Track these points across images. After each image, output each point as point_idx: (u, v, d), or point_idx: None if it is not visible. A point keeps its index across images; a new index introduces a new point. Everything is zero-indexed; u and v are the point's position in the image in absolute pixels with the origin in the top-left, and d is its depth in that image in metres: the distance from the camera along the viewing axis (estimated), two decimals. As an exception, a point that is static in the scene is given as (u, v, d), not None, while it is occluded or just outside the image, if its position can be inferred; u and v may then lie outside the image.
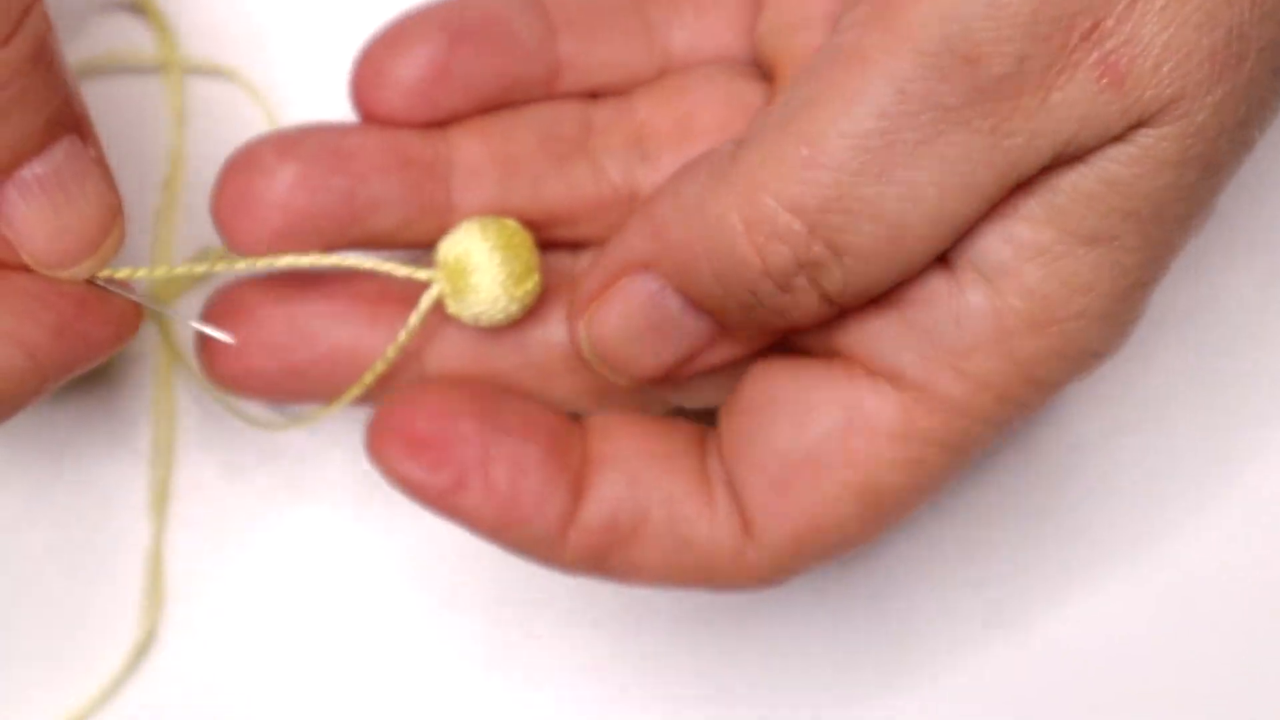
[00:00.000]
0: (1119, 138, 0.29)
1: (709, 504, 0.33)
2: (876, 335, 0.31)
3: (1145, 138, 0.29)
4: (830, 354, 0.33)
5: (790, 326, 0.32)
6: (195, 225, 0.41)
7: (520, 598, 0.41)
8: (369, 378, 0.35)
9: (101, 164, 0.33)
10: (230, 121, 0.41)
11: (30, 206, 0.32)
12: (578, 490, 0.33)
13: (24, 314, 0.32)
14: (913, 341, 0.31)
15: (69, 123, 0.32)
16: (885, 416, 0.31)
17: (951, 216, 0.29)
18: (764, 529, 0.32)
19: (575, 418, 0.35)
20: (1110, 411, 0.42)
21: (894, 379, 0.31)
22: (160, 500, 0.41)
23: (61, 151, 0.32)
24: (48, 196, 0.32)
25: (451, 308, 0.34)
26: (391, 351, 0.34)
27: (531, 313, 0.35)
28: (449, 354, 0.35)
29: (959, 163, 0.29)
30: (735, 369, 0.34)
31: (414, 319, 0.34)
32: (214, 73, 0.41)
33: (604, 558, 0.33)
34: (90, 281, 0.33)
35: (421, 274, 0.34)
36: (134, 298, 0.34)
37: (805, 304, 0.31)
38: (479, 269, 0.34)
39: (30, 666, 0.41)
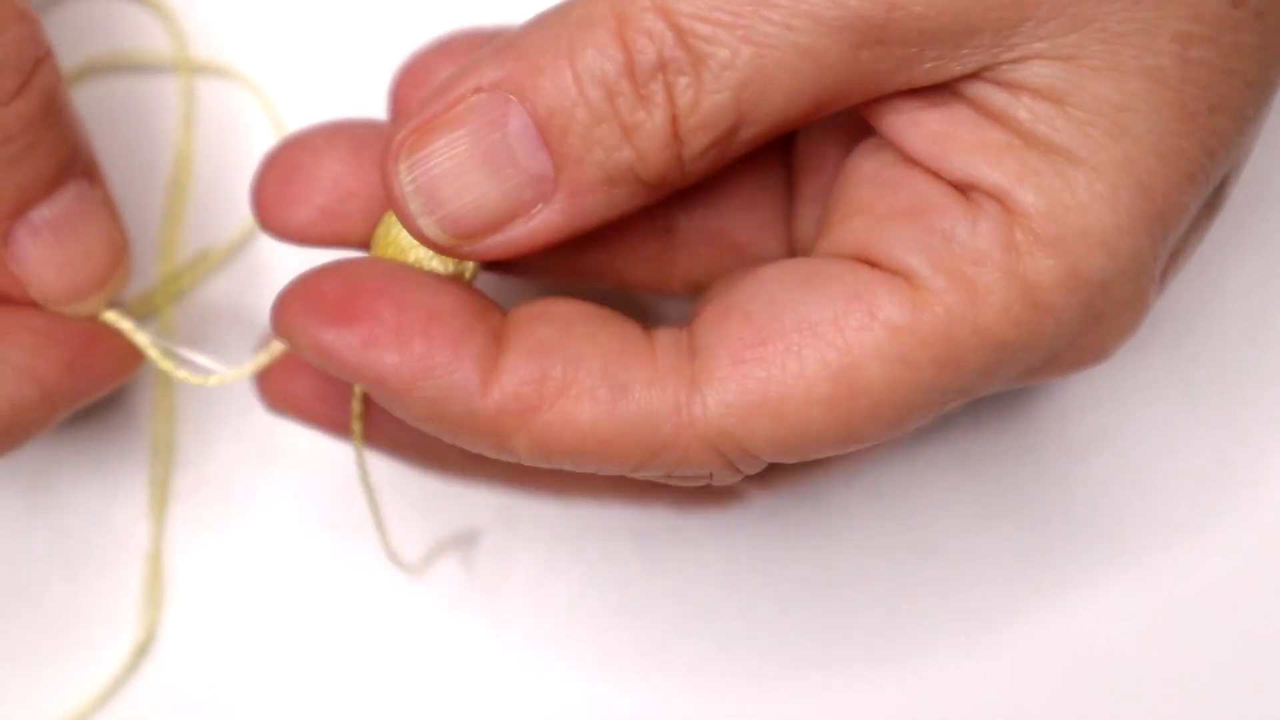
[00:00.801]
0: (1048, 55, 0.29)
1: (650, 358, 0.30)
2: (889, 240, 0.30)
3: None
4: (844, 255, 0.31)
5: (631, 170, 0.30)
6: (197, 226, 0.41)
7: (520, 598, 0.41)
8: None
9: (109, 204, 0.34)
10: (231, 121, 0.41)
11: (39, 247, 0.33)
12: (500, 340, 0.30)
13: (35, 349, 0.33)
14: (929, 243, 0.30)
15: (77, 167, 0.33)
16: (890, 307, 0.29)
17: (824, 55, 0.28)
18: (717, 384, 0.30)
19: None
20: (1110, 411, 0.42)
21: (908, 275, 0.30)
22: (160, 500, 0.41)
23: (70, 195, 0.33)
24: (56, 238, 0.33)
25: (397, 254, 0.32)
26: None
27: None
28: None
29: (842, 4, 0.28)
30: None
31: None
32: (218, 72, 0.41)
33: (531, 413, 0.30)
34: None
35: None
36: (142, 334, 0.35)
37: (654, 124, 0.29)
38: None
39: (30, 666, 0.41)
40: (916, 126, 0.30)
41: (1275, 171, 0.41)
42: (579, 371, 0.30)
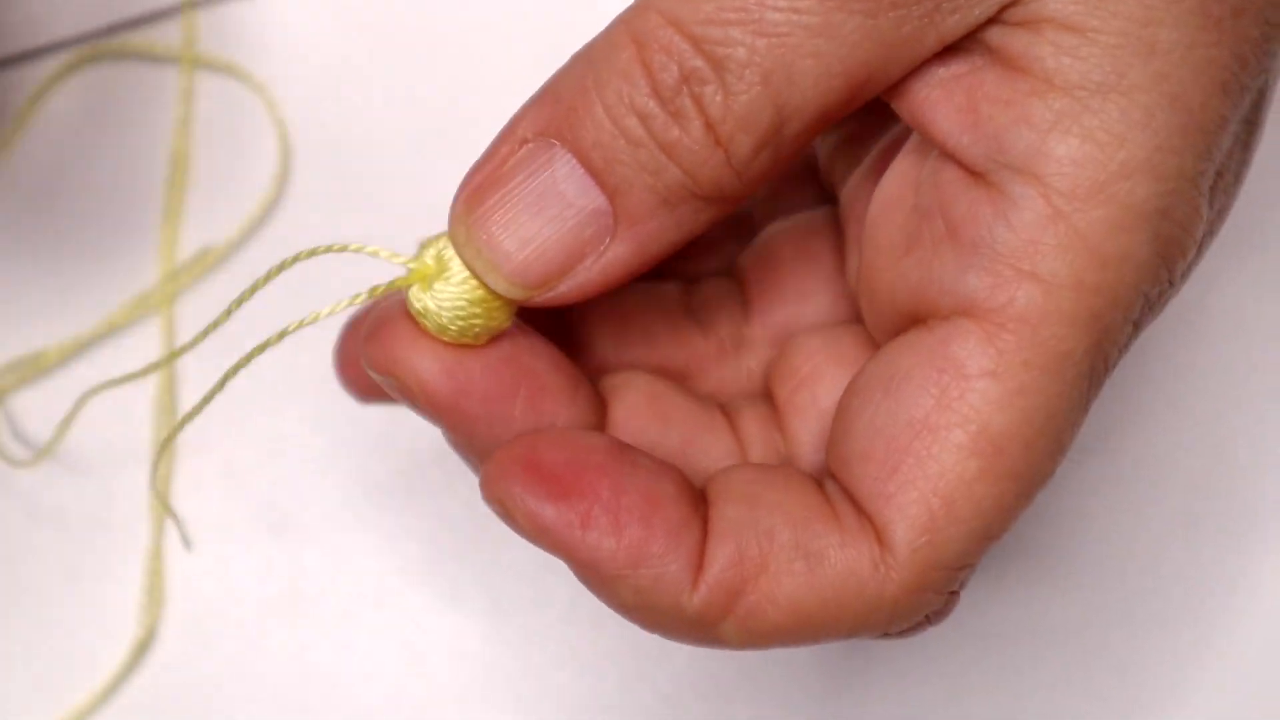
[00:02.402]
0: None
1: (833, 518, 0.30)
2: (937, 275, 0.29)
3: None
4: (901, 323, 0.31)
5: (684, 187, 0.29)
6: (196, 225, 0.41)
7: (521, 597, 0.41)
8: (292, 328, 0.32)
9: None
10: (234, 120, 0.41)
11: None
12: (705, 531, 0.30)
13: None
14: (973, 260, 0.29)
15: None
16: (973, 354, 0.29)
17: (840, 30, 0.28)
18: (891, 522, 0.29)
19: None
20: (1109, 412, 0.42)
21: (968, 312, 0.29)
22: (160, 499, 0.41)
23: None
24: None
25: (415, 299, 0.31)
26: (326, 312, 0.31)
27: None
28: None
29: None
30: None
31: (367, 292, 0.31)
32: (224, 70, 0.41)
33: (737, 596, 0.29)
34: None
35: (398, 258, 0.32)
36: None
37: (692, 137, 0.29)
38: (459, 265, 0.31)
39: (30, 666, 0.41)
40: (946, 100, 0.29)
41: (1273, 169, 0.41)
42: (773, 546, 0.29)
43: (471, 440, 0.31)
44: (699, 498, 0.31)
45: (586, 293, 0.30)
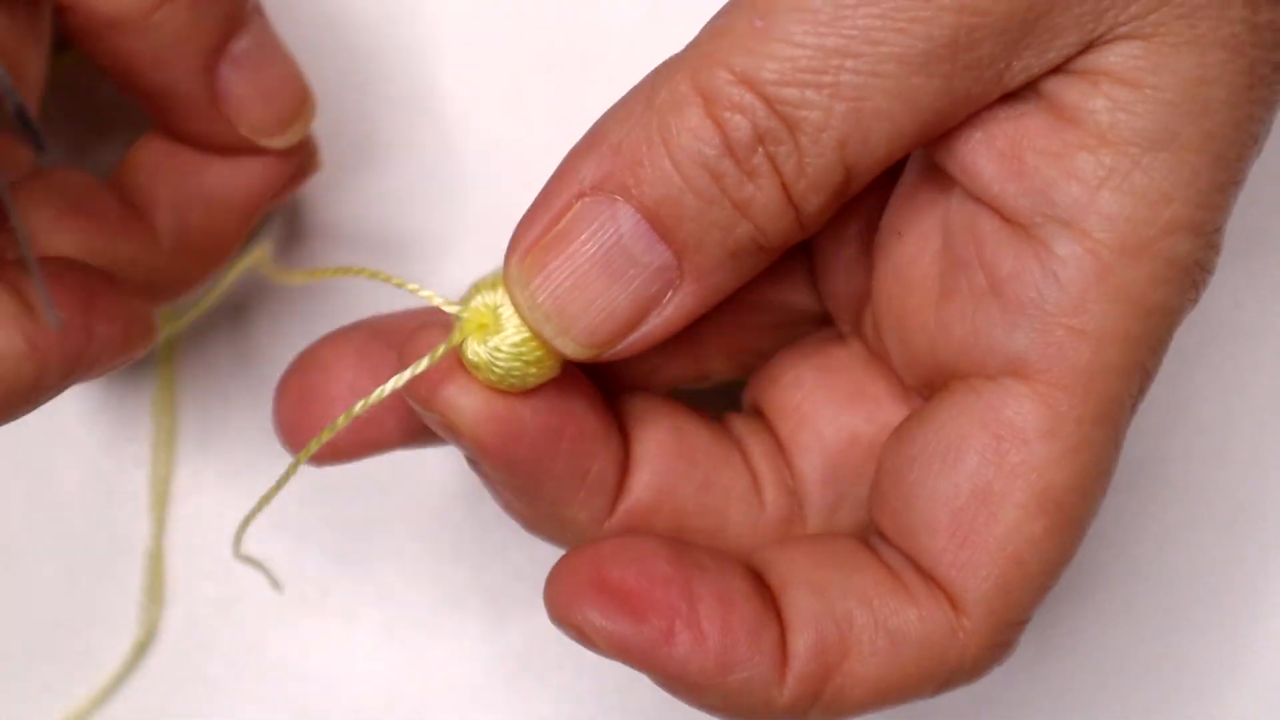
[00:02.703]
0: (1128, 35, 0.28)
1: (904, 589, 0.30)
2: (983, 333, 0.30)
3: (1149, 26, 0.28)
4: (945, 382, 0.31)
5: (753, 241, 0.29)
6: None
7: (521, 597, 0.41)
8: (375, 397, 0.30)
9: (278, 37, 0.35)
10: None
11: (242, 80, 0.34)
12: (781, 620, 0.30)
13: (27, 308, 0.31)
14: (1021, 320, 0.29)
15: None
16: (1027, 416, 0.29)
17: (917, 94, 0.28)
18: (966, 589, 0.30)
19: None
20: None
21: (1018, 372, 0.29)
22: (160, 500, 0.41)
23: (256, 26, 0.34)
24: (255, 67, 0.34)
25: (470, 350, 0.30)
26: (391, 385, 0.30)
27: None
28: None
29: (922, 38, 0.27)
30: (732, 357, 0.32)
31: (431, 355, 0.30)
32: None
33: (823, 683, 0.30)
34: (107, 288, 0.32)
35: (450, 306, 0.31)
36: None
37: (766, 196, 0.28)
38: (511, 313, 0.30)
39: (31, 666, 0.41)
40: (988, 144, 0.29)
41: (1271, 169, 0.41)
42: (853, 630, 0.30)
43: (510, 479, 0.31)
44: (763, 583, 0.31)
45: (649, 346, 0.30)
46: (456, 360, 0.30)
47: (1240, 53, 0.28)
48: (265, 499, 0.32)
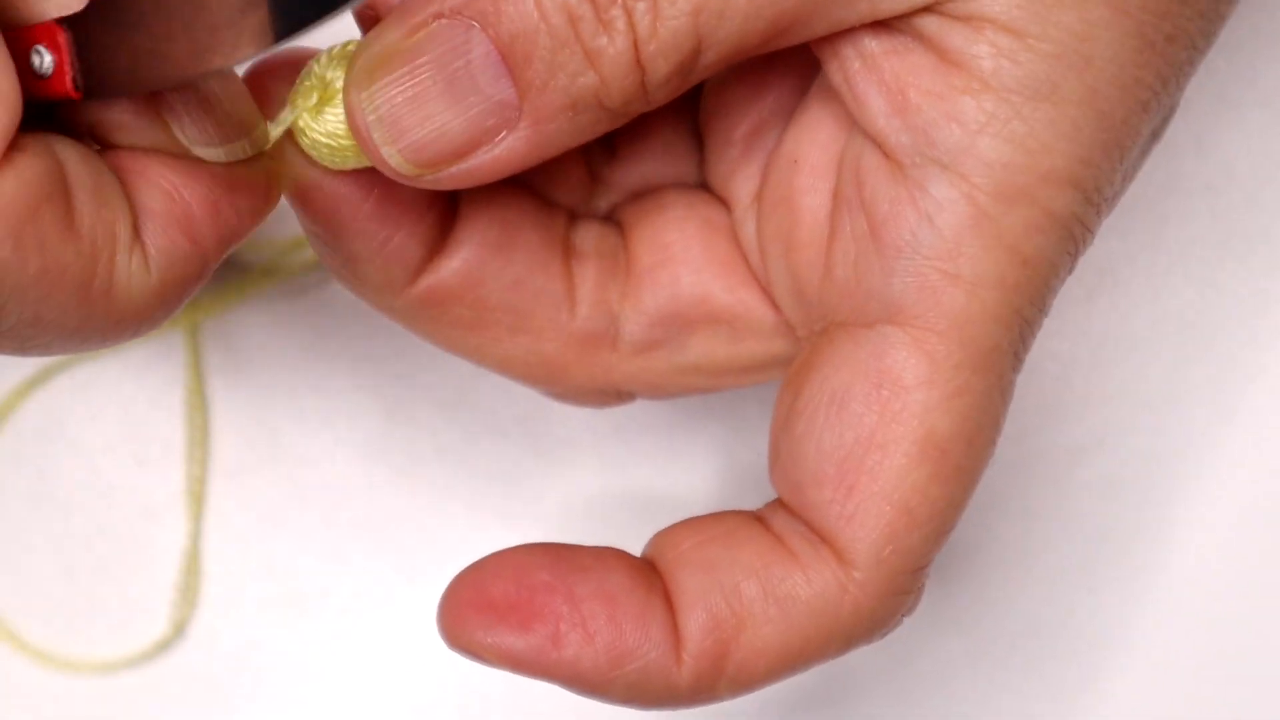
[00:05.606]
0: None
1: (790, 556, 0.31)
2: (864, 277, 0.30)
3: None
4: (819, 312, 0.32)
5: (595, 96, 0.29)
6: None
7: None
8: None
9: None
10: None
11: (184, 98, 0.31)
12: (669, 604, 0.31)
13: (174, 196, 0.31)
14: (896, 265, 0.30)
15: None
16: (906, 363, 0.30)
17: None
18: (854, 539, 0.30)
19: None
20: (1107, 413, 0.42)
21: (895, 318, 0.30)
22: (196, 499, 0.42)
23: None
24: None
25: (302, 132, 0.31)
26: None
27: None
28: None
29: None
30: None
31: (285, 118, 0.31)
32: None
33: (722, 659, 0.30)
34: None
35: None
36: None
37: (616, 49, 0.29)
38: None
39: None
40: (872, 72, 0.30)
41: (1269, 168, 0.41)
42: (743, 602, 0.30)
43: (310, 226, 0.32)
44: (648, 571, 0.31)
45: (471, 182, 0.30)
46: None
47: (1125, 13, 0.29)
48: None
